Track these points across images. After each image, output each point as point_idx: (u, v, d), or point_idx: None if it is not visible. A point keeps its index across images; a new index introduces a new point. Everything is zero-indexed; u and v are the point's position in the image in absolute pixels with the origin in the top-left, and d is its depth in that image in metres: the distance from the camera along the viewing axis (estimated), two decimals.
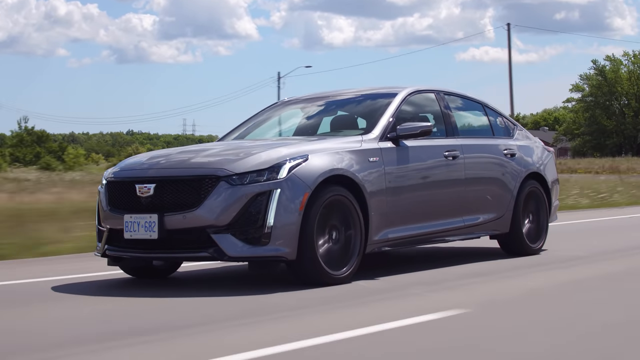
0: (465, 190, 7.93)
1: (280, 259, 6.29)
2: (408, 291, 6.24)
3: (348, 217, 6.68)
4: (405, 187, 7.24)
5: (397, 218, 7.15)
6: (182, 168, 6.49)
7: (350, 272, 6.64)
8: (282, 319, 5.21)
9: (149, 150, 42.08)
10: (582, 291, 6.26)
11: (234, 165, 6.35)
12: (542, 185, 8.92)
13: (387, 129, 7.33)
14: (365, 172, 6.85)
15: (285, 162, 6.38)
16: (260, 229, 6.20)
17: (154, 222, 6.32)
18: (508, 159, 8.52)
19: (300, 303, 5.77)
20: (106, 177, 6.91)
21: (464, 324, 4.95)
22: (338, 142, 6.97)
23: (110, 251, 6.74)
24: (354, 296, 6.04)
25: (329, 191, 6.52)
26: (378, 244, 7.00)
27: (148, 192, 6.41)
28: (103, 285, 6.93)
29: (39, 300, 6.19)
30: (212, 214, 6.21)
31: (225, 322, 5.09)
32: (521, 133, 9.11)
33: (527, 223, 8.69)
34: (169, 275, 7.37)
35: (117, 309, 5.74)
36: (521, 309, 5.48)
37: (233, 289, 6.48)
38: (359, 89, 8.47)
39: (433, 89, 8.25)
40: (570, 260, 8.16)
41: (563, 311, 5.40)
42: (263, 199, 6.23)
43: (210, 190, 6.26)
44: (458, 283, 6.66)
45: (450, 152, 7.81)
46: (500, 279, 6.96)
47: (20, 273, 7.77)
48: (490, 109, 8.94)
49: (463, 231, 7.99)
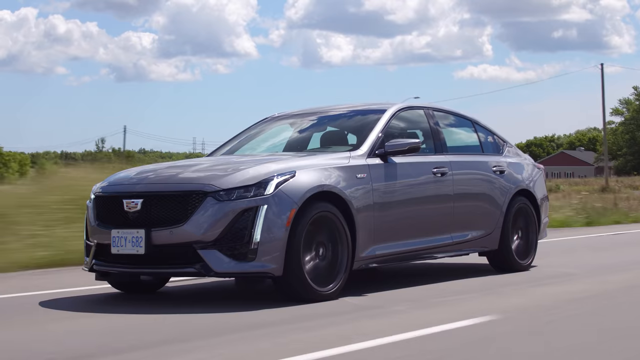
0: (454, 206, 7.95)
1: (267, 275, 6.30)
2: (393, 308, 6.25)
3: (335, 233, 6.69)
4: (393, 204, 7.26)
5: (385, 235, 7.16)
6: (170, 183, 6.51)
7: (337, 289, 6.65)
8: (265, 336, 5.21)
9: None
10: (565, 308, 6.26)
11: (221, 181, 6.37)
12: (532, 202, 8.94)
13: (376, 145, 7.35)
14: (352, 189, 6.87)
15: (272, 178, 6.40)
16: (246, 245, 6.22)
17: (141, 237, 6.33)
18: (497, 175, 8.54)
19: (284, 319, 5.77)
20: (94, 192, 6.92)
21: (444, 341, 4.96)
22: (326, 158, 7.00)
23: (97, 266, 6.74)
24: (338, 313, 6.05)
25: (316, 207, 6.53)
26: (365, 260, 7.01)
27: (135, 207, 6.43)
28: (90, 300, 6.93)
29: (24, 315, 6.19)
30: (198, 230, 6.23)
31: (208, 339, 5.09)
32: (511, 150, 9.14)
33: (516, 239, 8.71)
34: (157, 290, 7.37)
35: (101, 324, 5.74)
36: (506, 325, 5.49)
37: (219, 304, 6.49)
38: (349, 104, 8.50)
39: (422, 105, 8.29)
40: (558, 277, 8.17)
41: (549, 327, 5.41)
42: (250, 215, 6.25)
43: (197, 206, 6.28)
44: (444, 300, 6.67)
45: (439, 168, 7.83)
46: (487, 295, 6.96)
47: (5, 287, 7.77)
48: (480, 125, 8.97)
49: (452, 248, 8.01)
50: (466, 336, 5.15)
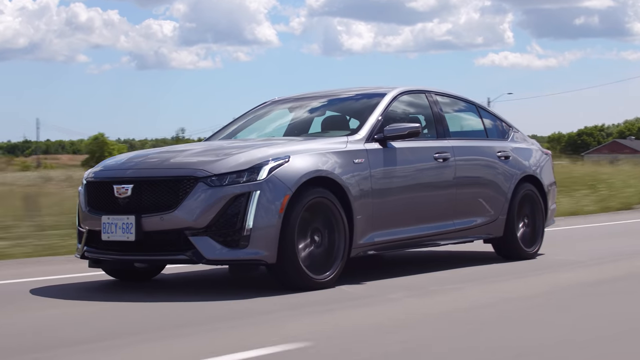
0: (456, 192, 7.75)
1: (260, 262, 6.15)
2: (388, 296, 6.08)
3: (331, 220, 6.52)
4: (392, 190, 7.07)
5: (384, 221, 6.98)
6: (161, 169, 6.35)
7: (333, 277, 6.48)
8: (258, 323, 5.07)
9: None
10: (570, 297, 6.07)
11: (212, 165, 6.21)
12: (538, 189, 8.73)
13: (375, 130, 7.16)
14: (349, 174, 6.69)
15: (265, 162, 6.23)
16: (239, 232, 6.06)
17: (131, 224, 6.19)
18: (502, 161, 8.33)
19: (276, 307, 5.62)
20: (86, 177, 6.78)
21: (432, 329, 4.79)
22: (322, 143, 6.82)
23: (89, 253, 6.61)
24: (332, 301, 5.89)
25: (312, 193, 6.36)
26: (363, 247, 6.84)
27: (126, 193, 6.29)
28: (83, 287, 6.80)
29: (17, 303, 6.08)
30: (190, 216, 6.07)
31: (200, 326, 4.97)
32: (517, 135, 8.91)
33: (522, 227, 8.50)
34: (152, 278, 7.23)
35: (93, 311, 5.62)
36: (501, 314, 5.31)
37: (213, 292, 6.35)
38: (350, 88, 8.31)
39: (423, 89, 8.07)
40: (565, 265, 7.97)
41: (543, 316, 5.23)
42: (242, 201, 6.09)
43: (188, 192, 6.12)
44: (443, 288, 6.49)
45: (441, 154, 7.63)
46: (486, 283, 6.78)
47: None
48: (485, 110, 8.76)
49: (455, 235, 7.82)
50: (457, 325, 4.98)
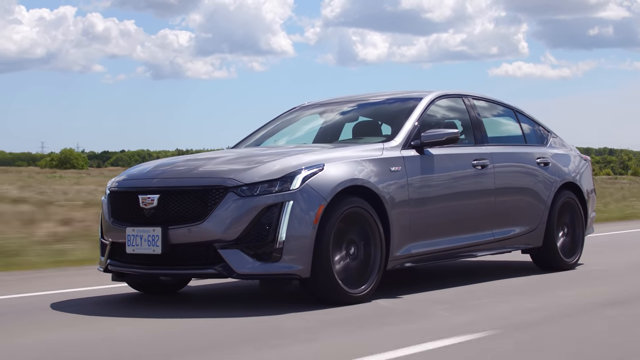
0: (495, 201, 7.40)
1: (293, 276, 5.81)
2: (430, 311, 5.74)
3: (367, 231, 6.19)
4: (429, 199, 6.73)
5: (421, 232, 6.64)
6: (188, 178, 6.03)
7: (369, 291, 6.15)
8: (295, 343, 4.74)
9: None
10: (612, 314, 5.71)
11: (243, 175, 5.88)
12: (578, 196, 8.36)
13: (411, 136, 6.82)
14: (386, 183, 6.35)
15: (298, 171, 5.90)
16: (271, 244, 5.73)
17: (157, 236, 5.87)
18: (541, 168, 7.97)
19: (314, 325, 5.28)
20: (109, 187, 6.47)
21: (488, 349, 4.44)
22: (357, 150, 6.48)
23: (112, 266, 6.30)
24: (372, 317, 5.55)
25: (347, 203, 6.03)
26: (400, 259, 6.50)
27: (152, 204, 5.97)
28: (105, 301, 6.49)
29: (36, 319, 5.76)
30: (219, 228, 5.75)
31: (231, 349, 4.63)
32: (556, 140, 8.55)
33: (562, 236, 8.15)
34: (177, 291, 6.91)
35: (117, 330, 5.30)
36: (551, 332, 4.95)
37: (243, 308, 6.02)
38: (381, 92, 7.96)
39: (461, 93, 7.72)
40: (607, 277, 7.60)
41: (592, 334, 4.87)
42: (275, 212, 5.76)
43: (217, 202, 5.80)
44: (485, 302, 6.14)
45: (479, 160, 7.28)
46: (530, 297, 6.41)
47: (18, 287, 7.34)
48: (523, 114, 8.40)
49: (493, 245, 7.46)
50: (508, 343, 4.63)
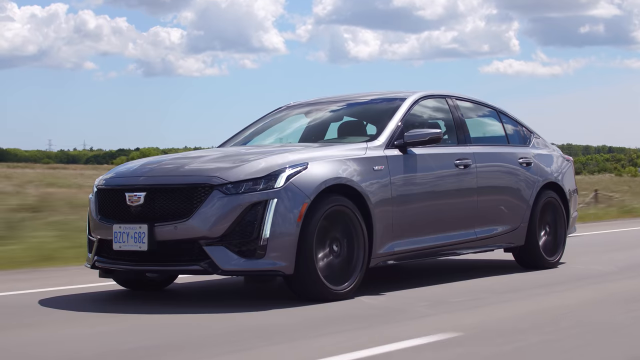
0: (478, 200, 7.52)
1: (277, 272, 5.91)
2: (411, 309, 5.85)
3: (350, 228, 6.29)
4: (412, 198, 6.84)
5: (404, 230, 6.75)
6: (174, 176, 6.13)
7: (352, 287, 6.25)
8: (279, 338, 4.84)
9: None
10: (599, 312, 5.83)
11: (228, 173, 5.98)
12: (560, 196, 8.49)
13: (394, 136, 6.93)
14: (369, 182, 6.46)
15: (283, 170, 6.00)
16: (255, 241, 5.84)
17: (144, 233, 5.97)
18: (523, 168, 8.09)
19: (297, 322, 5.38)
20: (97, 185, 6.57)
21: (462, 348, 4.56)
22: (341, 150, 6.59)
23: (100, 263, 6.39)
24: (354, 314, 5.66)
25: (330, 201, 6.14)
26: (383, 257, 6.61)
27: (138, 201, 6.06)
28: (93, 298, 6.58)
29: (26, 316, 5.84)
30: (205, 225, 5.85)
31: (214, 348, 4.72)
32: (538, 141, 8.68)
33: (544, 235, 8.27)
34: (164, 288, 7.01)
35: (110, 326, 5.39)
36: (529, 331, 5.07)
37: (228, 304, 6.11)
38: (367, 93, 8.07)
39: (444, 93, 7.84)
40: (589, 277, 7.72)
41: (572, 336, 4.99)
42: (259, 209, 5.86)
43: (203, 200, 5.90)
44: (468, 300, 6.25)
45: (462, 160, 7.40)
46: (511, 297, 6.53)
47: (5, 285, 7.42)
48: (506, 115, 8.52)
49: (476, 244, 7.58)
50: (484, 342, 4.74)
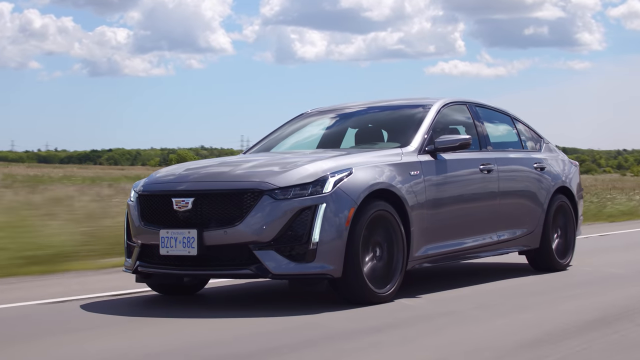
0: (500, 204, 7.71)
1: (326, 276, 6.02)
2: (454, 309, 6.02)
3: (391, 232, 6.43)
4: (444, 201, 7.01)
5: (437, 233, 6.92)
6: (223, 181, 6.20)
7: (393, 290, 6.39)
8: (336, 341, 4.95)
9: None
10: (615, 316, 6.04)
11: (277, 178, 6.08)
12: (570, 199, 8.74)
13: (425, 142, 7.09)
14: (407, 186, 6.61)
15: (330, 175, 6.12)
16: (305, 245, 5.94)
17: (193, 238, 6.03)
18: (539, 172, 8.32)
19: (352, 324, 5.50)
20: (137, 190, 6.60)
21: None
22: (377, 155, 6.72)
23: (142, 267, 6.43)
24: (399, 316, 5.80)
25: (374, 206, 6.26)
26: (419, 260, 6.76)
27: (186, 207, 6.12)
28: (133, 303, 6.61)
29: (69, 326, 5.83)
30: (255, 230, 5.93)
31: (273, 351, 4.79)
32: (548, 146, 8.92)
33: (556, 238, 8.50)
34: (196, 292, 7.06)
35: (154, 331, 5.44)
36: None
37: (269, 307, 6.20)
38: (386, 100, 8.23)
39: (465, 100, 8.03)
40: (602, 279, 7.96)
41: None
42: (308, 214, 5.97)
43: (252, 205, 5.98)
44: (501, 302, 6.43)
45: (485, 165, 7.59)
46: (532, 298, 6.73)
47: (36, 292, 7.37)
48: (519, 121, 8.74)
49: (496, 247, 7.77)
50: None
